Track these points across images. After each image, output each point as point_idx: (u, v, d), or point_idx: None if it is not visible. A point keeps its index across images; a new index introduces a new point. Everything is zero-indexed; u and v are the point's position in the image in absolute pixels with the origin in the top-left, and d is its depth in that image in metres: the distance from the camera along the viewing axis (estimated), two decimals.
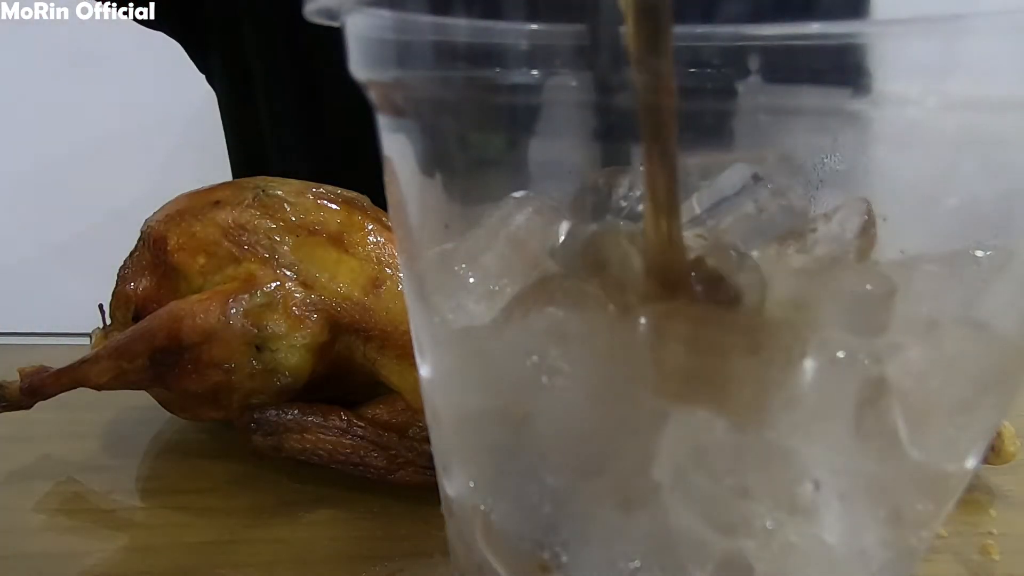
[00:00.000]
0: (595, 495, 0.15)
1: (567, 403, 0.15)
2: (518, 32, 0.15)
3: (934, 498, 0.16)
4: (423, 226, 0.19)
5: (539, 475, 0.15)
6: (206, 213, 0.34)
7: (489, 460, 0.17)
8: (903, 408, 0.14)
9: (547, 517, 0.15)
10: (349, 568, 0.28)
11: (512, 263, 0.17)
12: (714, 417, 0.13)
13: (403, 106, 0.17)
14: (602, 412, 0.14)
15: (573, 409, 0.15)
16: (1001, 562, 0.29)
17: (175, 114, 1.24)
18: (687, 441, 0.14)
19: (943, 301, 0.16)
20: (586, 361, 0.14)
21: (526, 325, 0.15)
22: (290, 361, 0.31)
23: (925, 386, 0.14)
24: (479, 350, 0.17)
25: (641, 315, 0.14)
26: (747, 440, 0.13)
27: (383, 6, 0.16)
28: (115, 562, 0.28)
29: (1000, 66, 0.13)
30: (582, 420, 0.15)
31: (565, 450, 0.15)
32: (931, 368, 0.14)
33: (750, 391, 0.13)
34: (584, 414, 0.15)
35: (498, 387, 0.16)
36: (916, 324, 0.15)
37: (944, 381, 0.14)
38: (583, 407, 0.15)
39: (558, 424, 0.15)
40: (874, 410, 0.14)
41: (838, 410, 0.14)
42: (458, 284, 0.18)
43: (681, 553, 0.14)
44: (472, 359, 0.17)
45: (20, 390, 0.32)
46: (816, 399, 0.13)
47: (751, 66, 0.15)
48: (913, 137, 0.14)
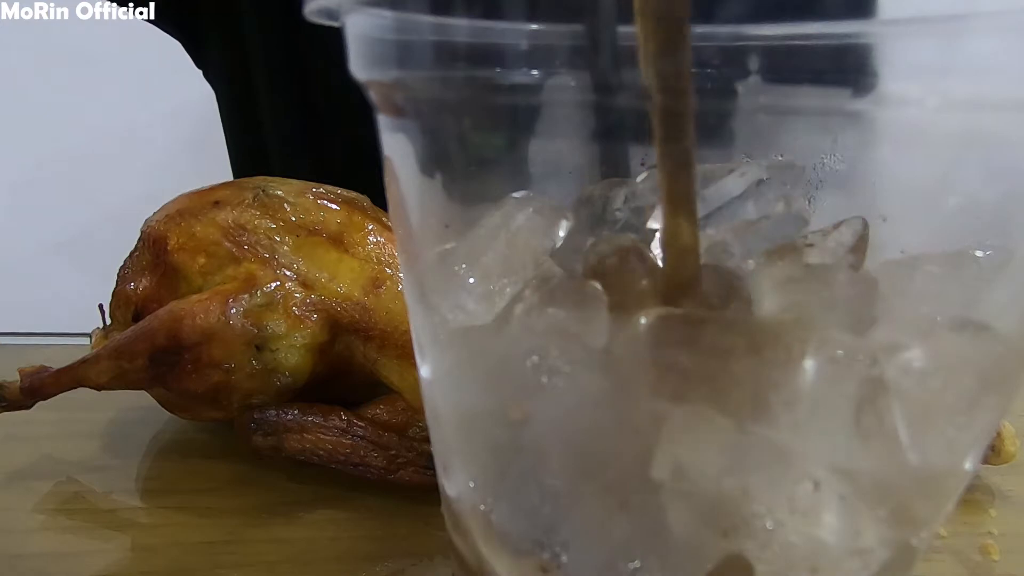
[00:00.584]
0: (595, 495, 0.15)
1: (567, 403, 0.15)
2: (518, 32, 0.15)
3: (934, 498, 0.16)
4: (423, 226, 0.19)
5: (539, 475, 0.15)
6: (206, 213, 0.34)
7: (489, 460, 0.17)
8: (903, 408, 0.14)
9: (547, 517, 0.15)
10: (349, 568, 0.28)
11: (512, 263, 0.17)
12: (714, 417, 0.13)
13: (403, 106, 0.17)
14: (602, 412, 0.14)
15: (573, 409, 0.15)
16: (1001, 562, 0.29)
17: (175, 114, 1.24)
18: (687, 441, 0.14)
19: (943, 301, 0.16)
20: (586, 361, 0.14)
21: (526, 325, 0.15)
22: (290, 361, 0.31)
23: (925, 386, 0.14)
24: (479, 350, 0.17)
25: (641, 316, 0.14)
26: (747, 440, 0.13)
27: (383, 6, 0.16)
28: (115, 562, 0.28)
29: (1000, 66, 0.13)
30: (582, 420, 0.15)
31: (565, 450, 0.15)
32: (931, 368, 0.14)
33: (749, 391, 0.13)
34: (584, 414, 0.15)
35: (498, 387, 0.16)
36: (916, 324, 0.15)
37: (944, 381, 0.14)
38: (583, 407, 0.15)
39: (558, 424, 0.15)
40: (874, 410, 0.14)
41: (838, 410, 0.14)
42: (458, 284, 0.18)
43: (681, 554, 0.14)
44: (472, 359, 0.17)
45: (20, 390, 0.32)
46: (816, 399, 0.13)
47: (751, 66, 0.15)
48: (913, 137, 0.14)
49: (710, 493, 0.14)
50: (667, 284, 0.14)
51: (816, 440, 0.14)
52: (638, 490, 0.14)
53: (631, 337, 0.14)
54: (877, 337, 0.14)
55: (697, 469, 0.13)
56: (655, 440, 0.14)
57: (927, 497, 0.15)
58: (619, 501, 0.15)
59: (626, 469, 0.14)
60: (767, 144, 0.18)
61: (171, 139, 1.28)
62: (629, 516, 0.14)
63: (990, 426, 0.16)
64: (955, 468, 0.16)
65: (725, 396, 0.13)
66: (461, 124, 0.17)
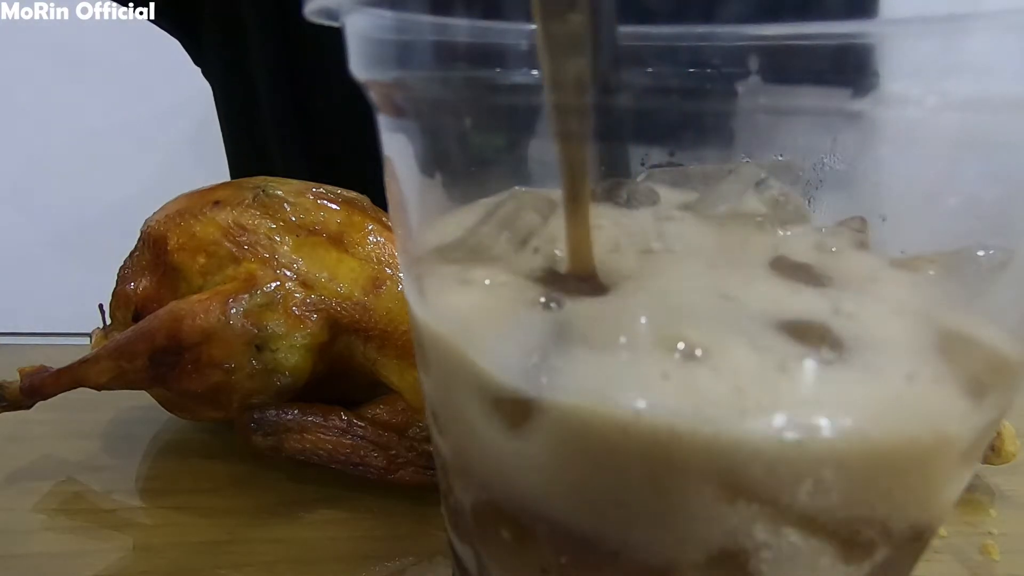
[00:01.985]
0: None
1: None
2: (518, 32, 0.15)
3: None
4: (423, 226, 0.19)
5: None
6: (206, 213, 0.34)
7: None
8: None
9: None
10: (349, 568, 0.28)
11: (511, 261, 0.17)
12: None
13: (403, 106, 0.17)
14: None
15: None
16: (1001, 562, 0.29)
17: (174, 114, 1.24)
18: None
19: (943, 301, 0.16)
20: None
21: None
22: (290, 361, 0.31)
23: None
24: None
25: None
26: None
27: (383, 6, 0.16)
28: (115, 562, 0.28)
29: (1000, 66, 0.13)
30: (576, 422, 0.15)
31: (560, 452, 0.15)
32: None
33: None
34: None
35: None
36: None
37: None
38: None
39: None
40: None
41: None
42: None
43: (680, 531, 0.14)
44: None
45: (20, 390, 0.32)
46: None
47: (751, 66, 0.15)
48: (913, 137, 0.14)
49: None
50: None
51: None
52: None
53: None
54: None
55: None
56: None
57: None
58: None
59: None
60: (767, 144, 0.18)
61: (171, 139, 1.28)
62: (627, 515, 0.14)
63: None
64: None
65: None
66: (461, 124, 0.17)
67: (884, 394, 0.13)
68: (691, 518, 0.13)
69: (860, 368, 0.13)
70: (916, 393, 0.13)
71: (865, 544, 0.14)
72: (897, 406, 0.13)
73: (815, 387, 0.13)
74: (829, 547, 0.14)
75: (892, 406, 0.13)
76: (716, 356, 0.13)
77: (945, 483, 0.15)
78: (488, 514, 0.17)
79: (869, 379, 0.13)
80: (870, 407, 0.13)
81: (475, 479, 0.17)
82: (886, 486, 0.13)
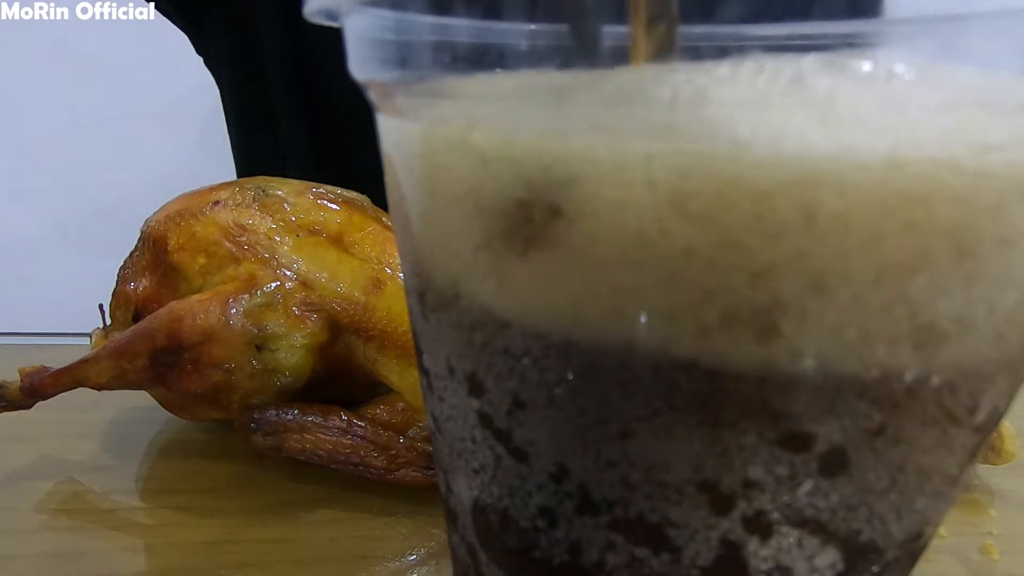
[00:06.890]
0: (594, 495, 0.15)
1: (560, 402, 0.15)
2: (518, 32, 0.15)
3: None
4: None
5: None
6: (206, 213, 0.34)
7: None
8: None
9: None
10: (349, 568, 0.28)
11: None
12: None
13: (403, 106, 0.17)
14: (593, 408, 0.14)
15: (571, 408, 0.15)
16: (1001, 562, 0.29)
17: (174, 114, 1.24)
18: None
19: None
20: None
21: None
22: (290, 361, 0.31)
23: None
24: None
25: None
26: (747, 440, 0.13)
27: (383, 6, 0.16)
28: (115, 562, 0.28)
29: (1000, 66, 0.13)
30: (580, 419, 0.15)
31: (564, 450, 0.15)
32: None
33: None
34: (582, 414, 0.15)
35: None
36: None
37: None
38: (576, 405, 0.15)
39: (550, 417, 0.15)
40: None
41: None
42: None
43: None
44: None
45: (20, 390, 0.32)
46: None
47: None
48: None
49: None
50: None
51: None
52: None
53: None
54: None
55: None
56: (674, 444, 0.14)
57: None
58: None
59: (621, 473, 0.14)
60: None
61: (171, 139, 1.28)
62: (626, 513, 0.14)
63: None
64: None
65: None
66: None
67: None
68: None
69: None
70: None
71: (865, 544, 0.14)
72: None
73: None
74: (830, 547, 0.14)
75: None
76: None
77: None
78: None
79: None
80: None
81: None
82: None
